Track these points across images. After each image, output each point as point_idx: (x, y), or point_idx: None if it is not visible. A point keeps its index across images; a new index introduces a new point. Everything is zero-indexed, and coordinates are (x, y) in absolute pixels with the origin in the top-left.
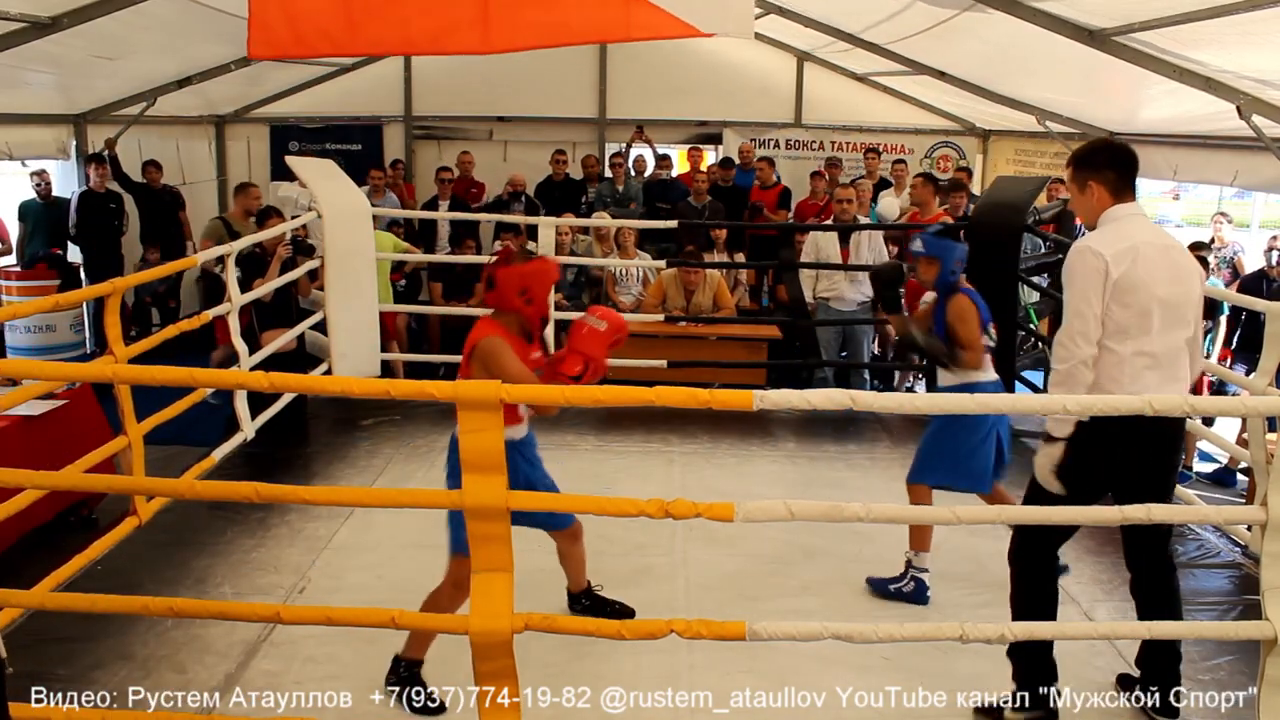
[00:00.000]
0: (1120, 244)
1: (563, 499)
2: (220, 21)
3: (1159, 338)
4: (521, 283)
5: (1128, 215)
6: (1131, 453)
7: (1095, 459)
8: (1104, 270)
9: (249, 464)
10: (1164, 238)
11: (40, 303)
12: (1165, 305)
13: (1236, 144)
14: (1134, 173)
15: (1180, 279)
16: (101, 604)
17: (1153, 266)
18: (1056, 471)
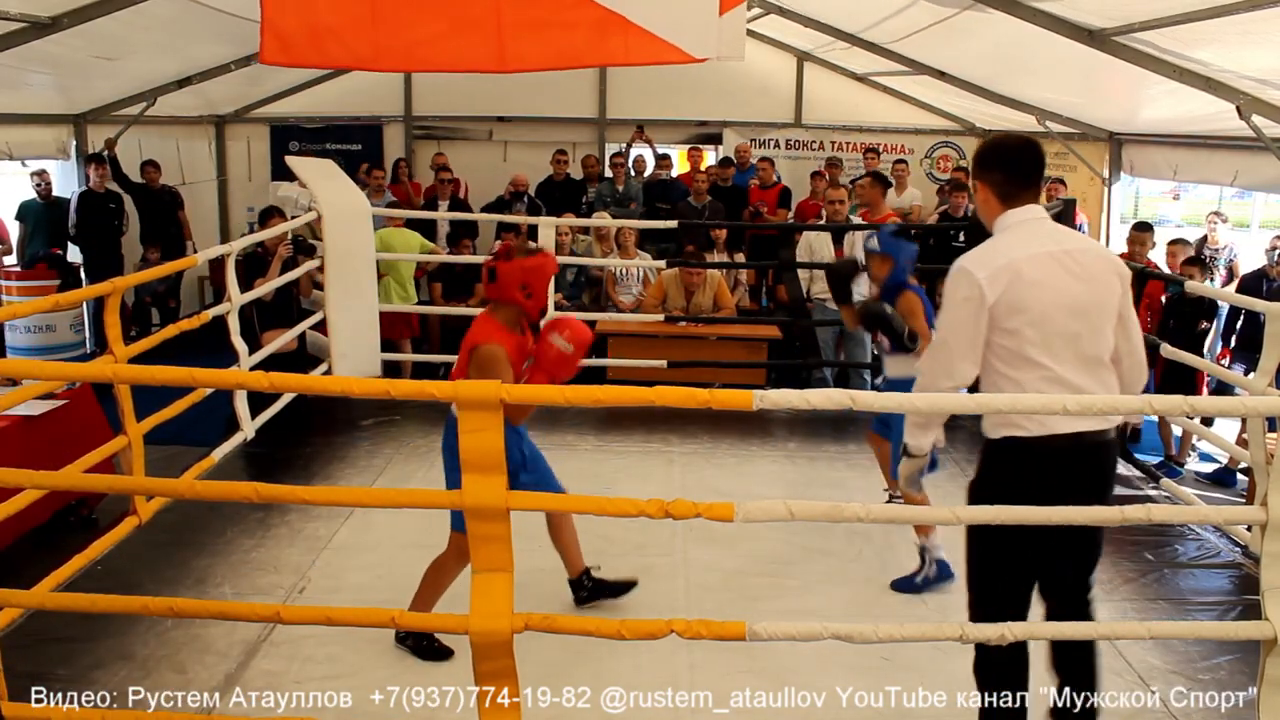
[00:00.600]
0: (997, 262)
1: (563, 499)
2: (220, 21)
3: (1065, 361)
4: (523, 277)
5: (1018, 222)
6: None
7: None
8: (978, 295)
9: (249, 464)
10: (1066, 241)
11: (40, 303)
12: (1070, 322)
13: (1236, 144)
14: (1028, 173)
15: (1086, 285)
16: (101, 604)
17: (1043, 281)
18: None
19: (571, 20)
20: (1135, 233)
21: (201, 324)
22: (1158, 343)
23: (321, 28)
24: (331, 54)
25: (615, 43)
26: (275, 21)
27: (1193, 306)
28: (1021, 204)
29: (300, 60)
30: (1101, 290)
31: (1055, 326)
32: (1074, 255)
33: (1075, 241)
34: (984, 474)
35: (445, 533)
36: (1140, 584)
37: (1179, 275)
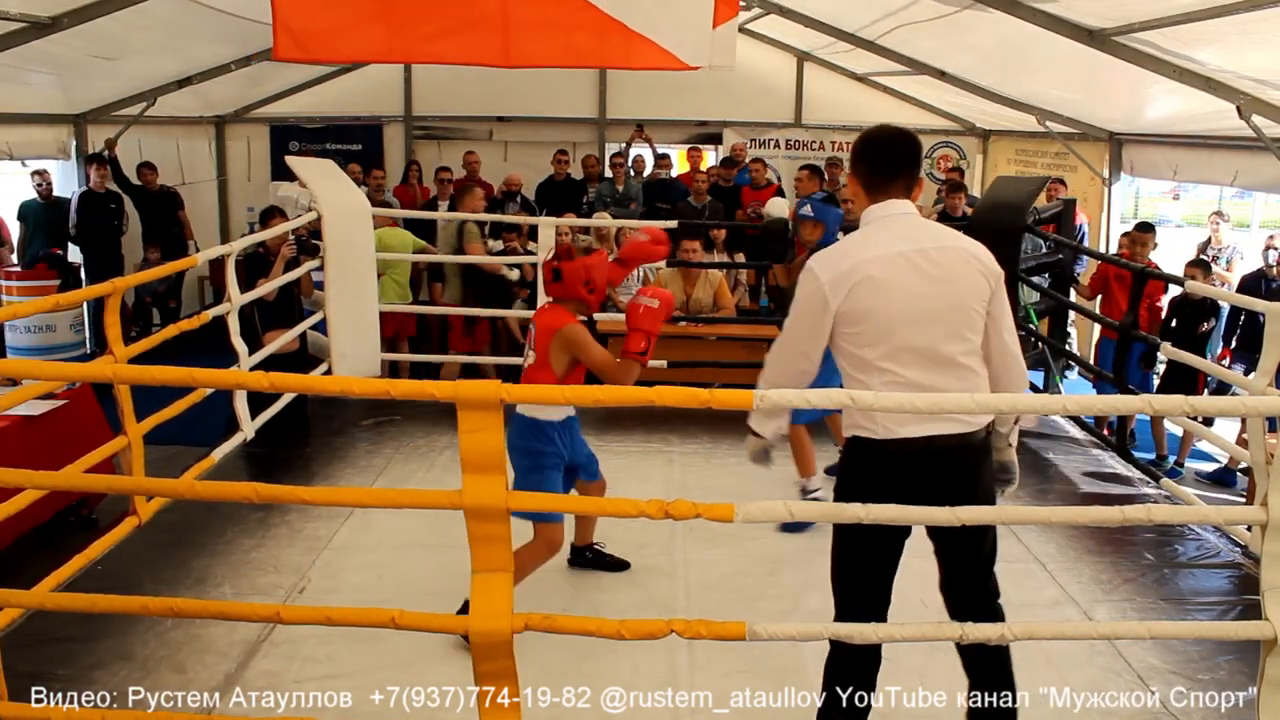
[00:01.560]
0: (845, 264)
1: (563, 499)
2: (220, 21)
3: (913, 362)
4: (586, 274)
5: (878, 218)
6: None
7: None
8: (820, 297)
9: (249, 464)
10: (922, 240)
11: (40, 303)
12: (919, 325)
13: (1236, 144)
14: (893, 164)
15: (941, 285)
16: (101, 604)
17: (891, 283)
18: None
19: (575, 23)
20: (1136, 233)
21: (201, 324)
22: (1158, 343)
23: (334, 23)
24: (344, 48)
25: (617, 47)
26: (286, 19)
27: (1195, 307)
28: (886, 198)
29: (314, 56)
30: (959, 290)
31: (901, 331)
32: (929, 254)
33: (936, 239)
34: (842, 471)
35: (446, 533)
36: (1140, 584)
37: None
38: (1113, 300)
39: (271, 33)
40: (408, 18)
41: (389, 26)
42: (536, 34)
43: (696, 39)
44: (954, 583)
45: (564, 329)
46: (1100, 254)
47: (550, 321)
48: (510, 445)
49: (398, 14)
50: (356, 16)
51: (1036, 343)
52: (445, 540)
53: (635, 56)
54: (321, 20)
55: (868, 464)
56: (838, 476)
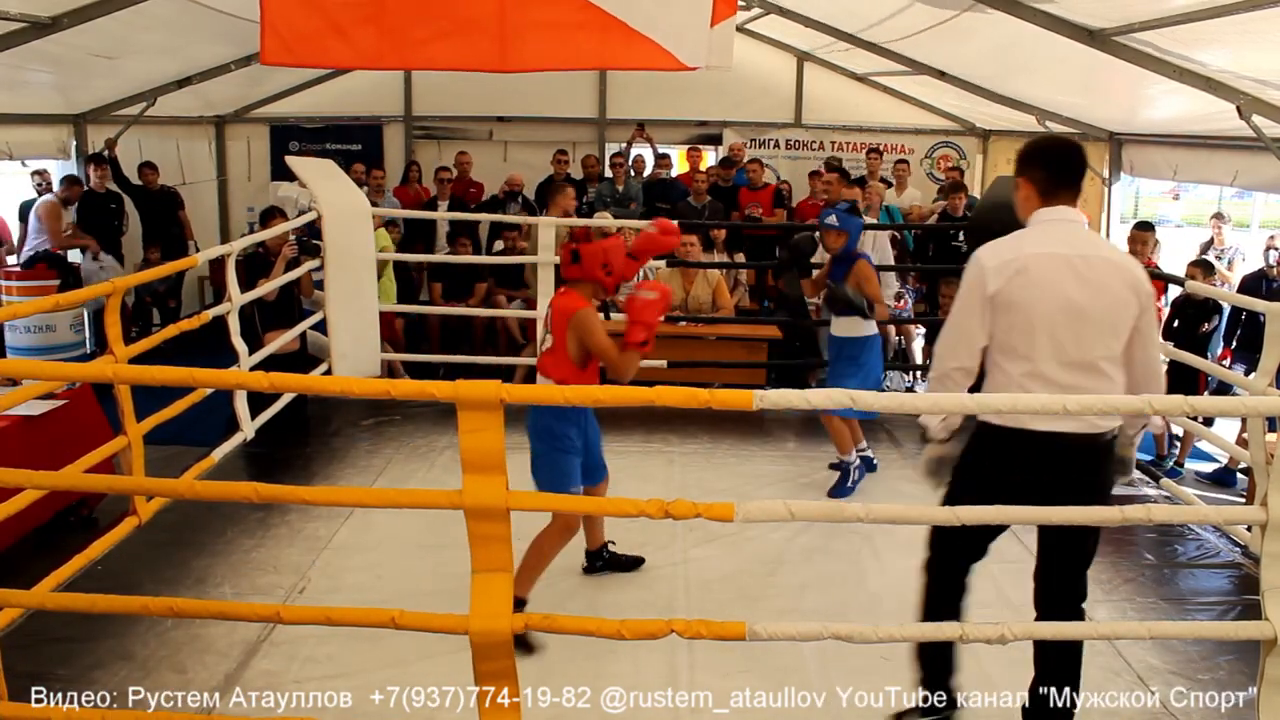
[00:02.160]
0: (1009, 254)
1: (563, 499)
2: (220, 21)
3: (1053, 359)
4: (604, 256)
5: (1049, 220)
6: (1026, 474)
7: (985, 472)
8: (982, 283)
9: (249, 464)
10: (1088, 247)
11: (40, 303)
12: (1064, 325)
13: (1236, 144)
14: (1069, 174)
15: (1090, 292)
16: (101, 604)
17: (1047, 281)
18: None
19: (573, 23)
20: (1136, 232)
21: (201, 324)
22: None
23: (324, 27)
24: (334, 53)
25: (615, 47)
26: (275, 22)
27: (1197, 308)
28: (1058, 203)
29: (302, 60)
30: (1107, 300)
31: (1048, 327)
32: (1088, 260)
33: (1096, 249)
34: (967, 450)
35: (446, 533)
36: (1140, 584)
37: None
38: None
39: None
40: (400, 22)
41: (380, 31)
42: (534, 36)
43: (695, 38)
44: (1048, 575)
45: (576, 313)
46: None
47: (565, 305)
48: (531, 428)
49: (389, 18)
50: (347, 20)
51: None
52: (445, 540)
53: (634, 57)
54: (310, 24)
55: (993, 451)
56: (961, 455)
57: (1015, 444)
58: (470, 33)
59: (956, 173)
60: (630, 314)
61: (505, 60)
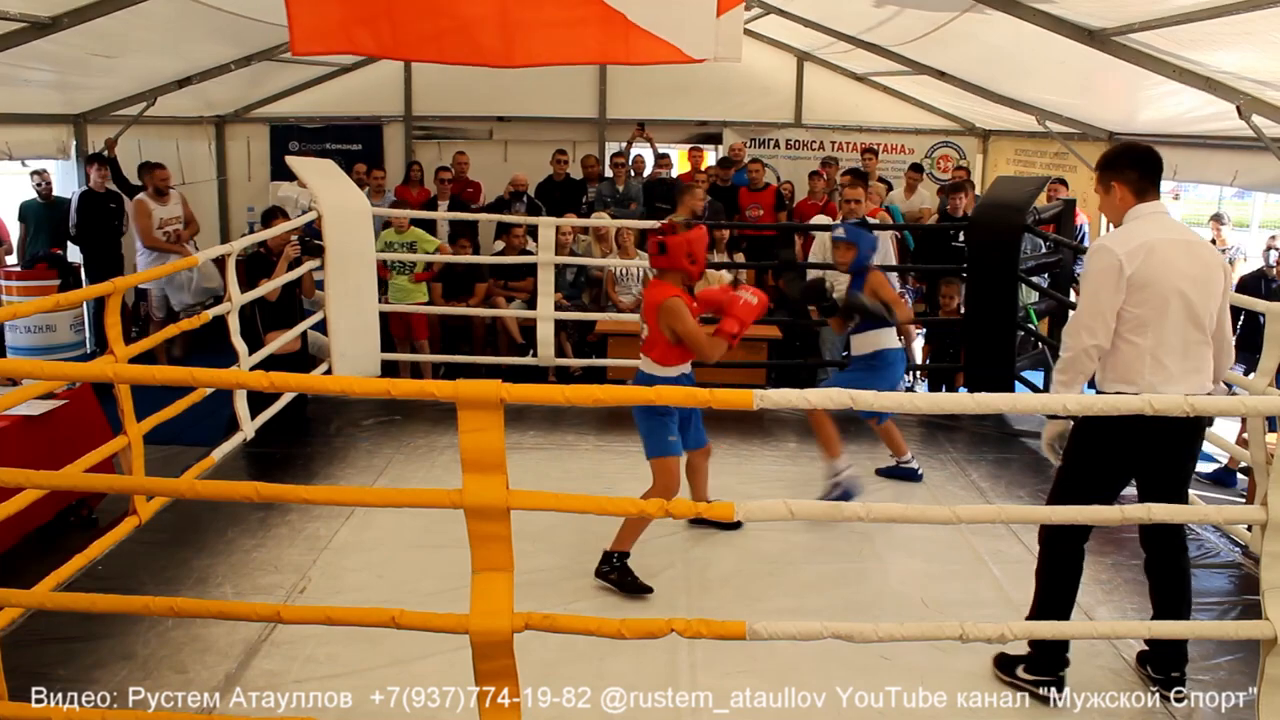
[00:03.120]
0: (1134, 241)
1: (564, 499)
2: (220, 21)
3: (1178, 331)
4: (689, 247)
5: (1149, 214)
6: (1142, 439)
7: (1105, 442)
8: (1118, 267)
9: (249, 464)
10: (1186, 234)
11: (40, 303)
12: (1185, 299)
13: (1236, 144)
14: (1156, 172)
15: (1202, 274)
16: (101, 604)
17: (1170, 262)
18: (1056, 447)
19: (576, 18)
20: None
21: (202, 324)
22: None
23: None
24: (360, 41)
25: (617, 42)
26: (300, 15)
27: None
28: (1150, 199)
29: (332, 47)
30: (1213, 278)
31: (1173, 302)
32: (1194, 246)
33: (1191, 234)
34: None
35: (446, 533)
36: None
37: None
38: None
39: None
40: (410, 16)
41: (393, 23)
42: (538, 31)
43: (701, 29)
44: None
45: (665, 301)
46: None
47: (655, 296)
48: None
49: (400, 12)
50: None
51: (1036, 343)
52: (445, 540)
53: (638, 51)
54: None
55: (1111, 419)
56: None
57: (1130, 419)
58: (474, 28)
59: (963, 172)
60: (729, 308)
61: (510, 55)
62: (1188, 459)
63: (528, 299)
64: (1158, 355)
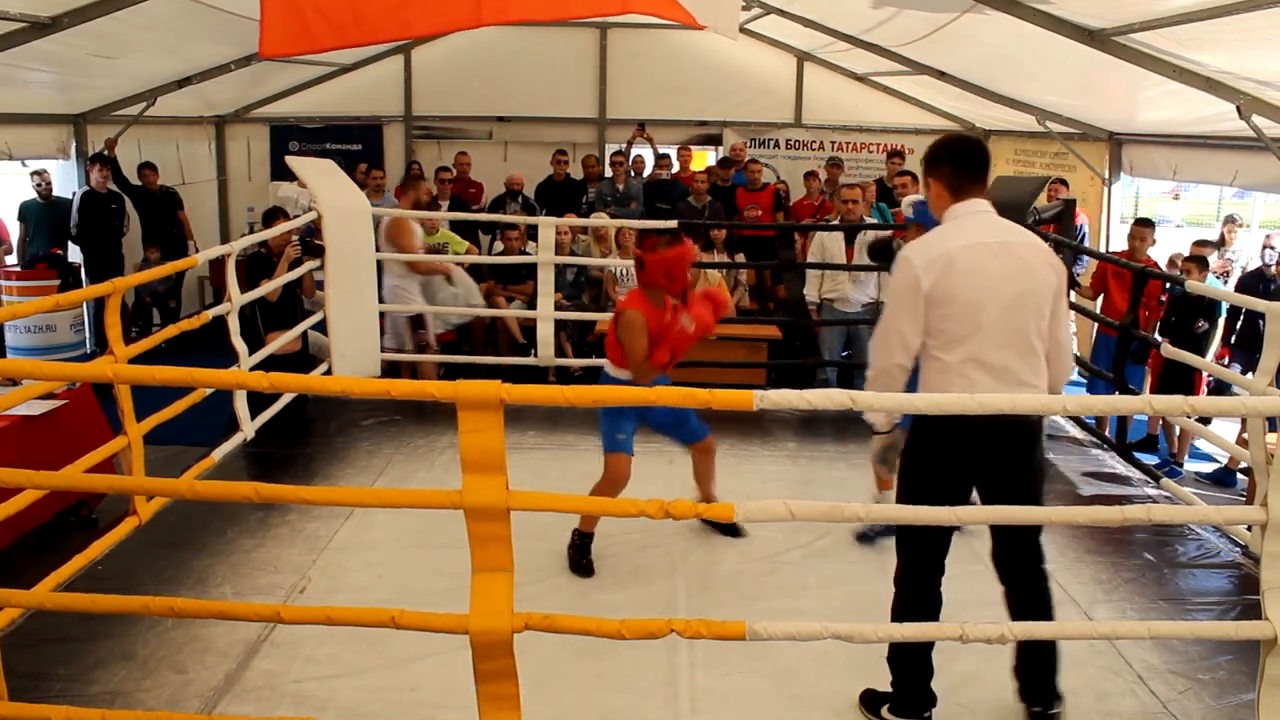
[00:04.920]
0: (935, 250)
1: (564, 499)
2: (220, 21)
3: (994, 343)
4: (664, 266)
5: (965, 214)
6: (966, 448)
7: (934, 453)
8: (914, 283)
9: (249, 464)
10: (1006, 234)
11: (40, 303)
12: (1002, 308)
13: (1236, 144)
14: (976, 168)
15: (1022, 277)
16: (101, 604)
17: (977, 269)
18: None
19: None
20: (1135, 228)
21: (202, 324)
22: (1157, 342)
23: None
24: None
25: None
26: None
27: (1193, 305)
28: (968, 197)
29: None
30: (1034, 280)
31: (983, 314)
32: (1009, 247)
33: (1013, 234)
34: (913, 437)
35: (446, 532)
36: (1140, 584)
37: (1178, 274)
38: (1111, 299)
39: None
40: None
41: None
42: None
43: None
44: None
45: (623, 313)
46: (1099, 253)
47: (622, 303)
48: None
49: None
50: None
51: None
52: (445, 540)
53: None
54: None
55: (938, 429)
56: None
57: (957, 429)
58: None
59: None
60: (664, 334)
61: (479, 14)
62: (1025, 470)
63: (528, 299)
64: (966, 372)
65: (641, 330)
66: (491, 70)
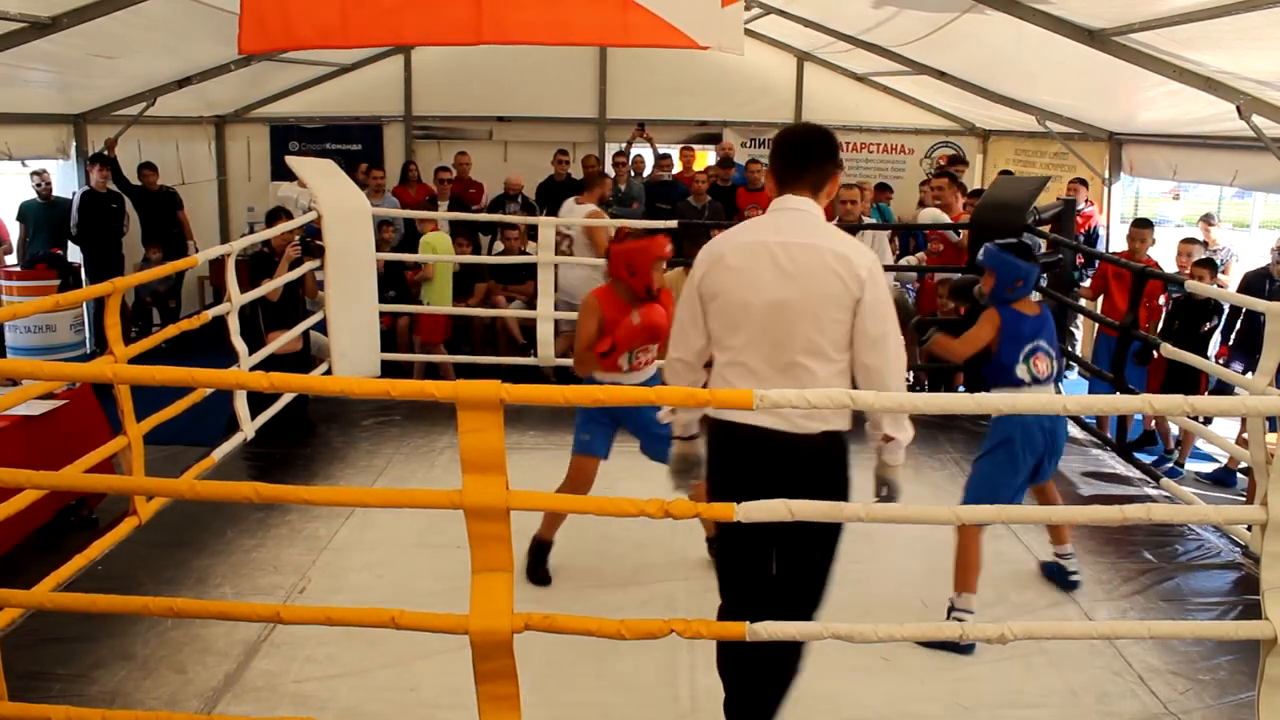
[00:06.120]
0: (715, 247)
1: (564, 499)
2: (220, 21)
3: (759, 350)
4: (626, 259)
5: (775, 209)
6: (736, 467)
7: (715, 468)
8: (694, 279)
9: (249, 464)
10: (790, 234)
11: (40, 303)
12: (770, 312)
13: (1236, 144)
14: (795, 161)
15: (787, 282)
16: (101, 604)
17: (746, 268)
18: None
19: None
20: (1135, 229)
21: (202, 324)
22: (1158, 342)
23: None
24: (302, 35)
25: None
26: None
27: (1198, 308)
28: (787, 192)
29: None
30: (807, 288)
31: (746, 317)
32: (790, 248)
33: (805, 236)
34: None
35: (446, 533)
36: (1140, 584)
37: (1180, 275)
38: (1112, 299)
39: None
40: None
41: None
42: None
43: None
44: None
45: (586, 297)
46: (1099, 253)
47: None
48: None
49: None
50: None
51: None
52: (445, 540)
53: (634, 31)
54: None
55: (714, 441)
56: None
57: (728, 438)
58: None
59: (962, 165)
60: (610, 328)
61: (479, 31)
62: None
63: (528, 299)
64: (726, 376)
65: (592, 314)
66: (491, 70)
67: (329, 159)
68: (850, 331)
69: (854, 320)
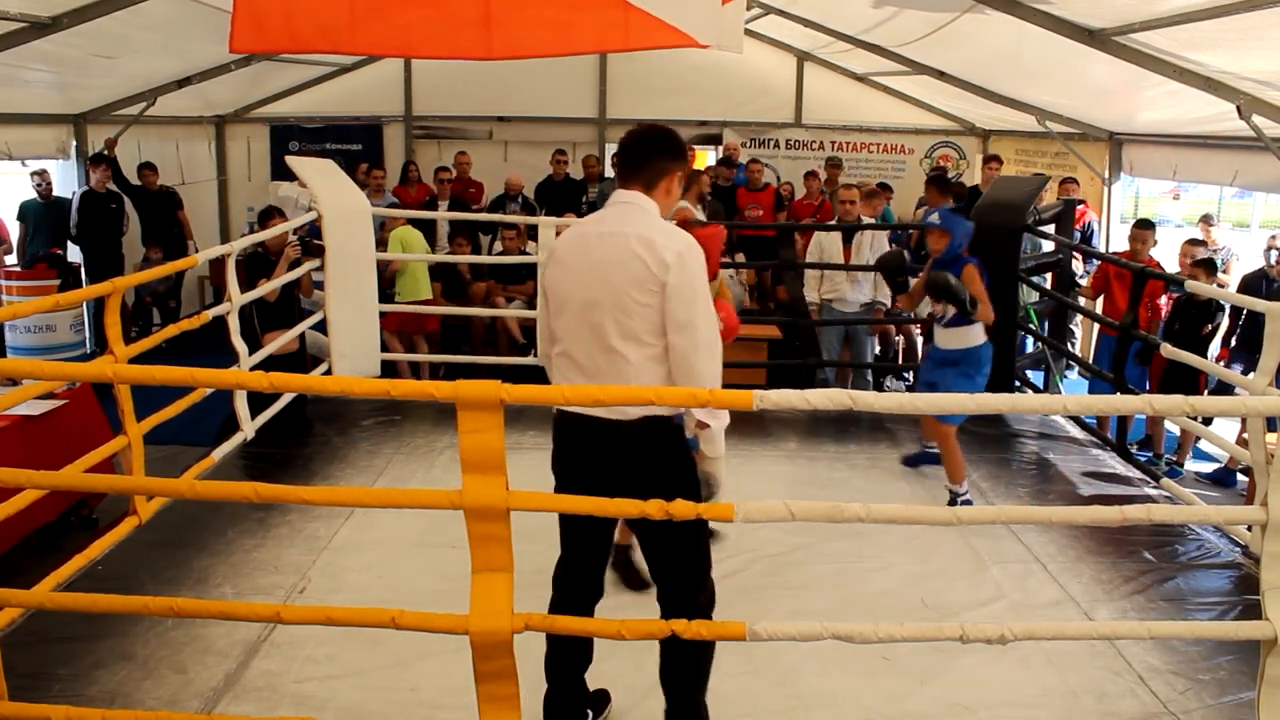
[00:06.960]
0: (556, 242)
1: (564, 499)
2: (220, 21)
3: (581, 343)
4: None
5: (609, 204)
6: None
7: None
8: (541, 272)
9: (249, 464)
10: (614, 226)
11: (40, 303)
12: (586, 306)
13: (1236, 144)
14: (629, 157)
15: (600, 271)
16: (101, 604)
17: (568, 260)
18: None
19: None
20: (1136, 230)
21: (201, 324)
22: (1158, 342)
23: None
24: (304, 36)
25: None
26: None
27: (1199, 309)
28: (624, 187)
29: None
30: (612, 275)
31: (567, 307)
32: (602, 238)
33: (618, 226)
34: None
35: (446, 533)
36: (1140, 584)
37: (1180, 276)
38: (1113, 300)
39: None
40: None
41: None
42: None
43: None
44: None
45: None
46: (1099, 253)
47: None
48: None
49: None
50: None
51: (1036, 342)
52: (445, 540)
53: (638, 36)
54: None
55: (553, 429)
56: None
57: (559, 424)
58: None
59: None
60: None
61: (490, 48)
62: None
63: (528, 299)
64: (561, 368)
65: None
66: (491, 70)
67: (329, 159)
68: (662, 316)
69: (661, 305)
